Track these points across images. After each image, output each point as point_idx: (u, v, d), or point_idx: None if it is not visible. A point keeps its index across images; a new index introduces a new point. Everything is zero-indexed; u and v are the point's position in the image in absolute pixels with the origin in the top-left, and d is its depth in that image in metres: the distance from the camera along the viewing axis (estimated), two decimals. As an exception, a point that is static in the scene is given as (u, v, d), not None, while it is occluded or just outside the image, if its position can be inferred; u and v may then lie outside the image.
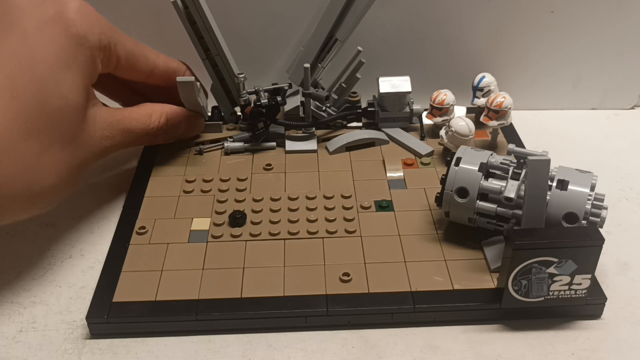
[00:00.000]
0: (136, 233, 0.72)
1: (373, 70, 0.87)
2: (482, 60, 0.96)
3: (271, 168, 0.82)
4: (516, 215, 0.65)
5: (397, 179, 0.80)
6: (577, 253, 0.60)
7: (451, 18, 0.93)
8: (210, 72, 0.86)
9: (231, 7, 0.91)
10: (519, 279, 0.61)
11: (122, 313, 0.63)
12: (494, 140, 0.86)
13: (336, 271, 0.66)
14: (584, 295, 0.63)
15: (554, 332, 0.63)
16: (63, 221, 0.78)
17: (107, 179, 0.85)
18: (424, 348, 0.62)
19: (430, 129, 0.89)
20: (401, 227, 0.72)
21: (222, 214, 0.74)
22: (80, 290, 0.68)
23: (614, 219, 0.76)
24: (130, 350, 0.62)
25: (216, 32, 0.83)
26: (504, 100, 0.82)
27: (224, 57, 0.84)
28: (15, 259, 0.72)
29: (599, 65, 0.97)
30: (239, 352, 0.62)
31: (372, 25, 0.90)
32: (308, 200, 0.76)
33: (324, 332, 0.63)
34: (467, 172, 0.67)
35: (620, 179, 0.85)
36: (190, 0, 0.80)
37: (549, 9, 0.92)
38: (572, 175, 0.65)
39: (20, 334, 0.63)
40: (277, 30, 0.93)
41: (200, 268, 0.67)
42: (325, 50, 0.87)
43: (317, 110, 0.88)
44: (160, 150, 0.86)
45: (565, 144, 0.92)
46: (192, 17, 0.81)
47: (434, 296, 0.64)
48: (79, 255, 0.73)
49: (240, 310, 0.63)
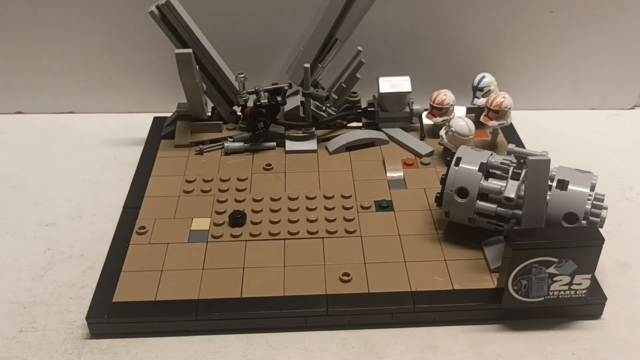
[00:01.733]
0: (136, 233, 0.72)
1: (373, 70, 0.87)
2: (482, 60, 0.96)
3: (271, 168, 0.82)
4: (516, 215, 0.65)
5: (397, 179, 0.80)
6: (577, 253, 0.60)
7: (451, 18, 0.93)
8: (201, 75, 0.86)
9: (231, 7, 0.91)
10: (519, 279, 0.61)
11: (122, 313, 0.63)
12: (494, 140, 0.86)
13: (336, 271, 0.66)
14: (584, 295, 0.63)
15: (554, 332, 0.63)
16: (63, 221, 0.78)
17: (107, 179, 0.85)
18: (424, 348, 0.62)
19: (430, 129, 0.89)
20: (401, 227, 0.72)
21: (222, 214, 0.74)
22: (80, 290, 0.68)
23: (614, 219, 0.76)
24: (130, 350, 0.62)
25: (199, 36, 0.83)
26: (504, 100, 0.82)
27: (212, 59, 0.84)
28: (15, 259, 0.72)
29: (599, 65, 0.97)
30: (239, 352, 0.62)
31: (372, 25, 0.90)
32: (308, 200, 0.76)
33: (324, 332, 0.63)
34: (467, 172, 0.67)
35: (620, 179, 0.85)
36: (167, 9, 0.80)
37: (549, 9, 0.92)
38: (572, 175, 0.65)
39: (20, 334, 0.63)
40: (277, 30, 0.93)
41: (200, 268, 0.67)
42: (325, 50, 0.87)
43: (317, 110, 0.88)
44: (160, 150, 0.86)
45: (565, 144, 0.92)
46: (171, 24, 0.81)
47: (434, 296, 0.64)
48: (79, 255, 0.73)
49: (240, 310, 0.63)
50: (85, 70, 0.96)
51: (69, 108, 0.99)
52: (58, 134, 0.95)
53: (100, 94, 0.98)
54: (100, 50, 0.94)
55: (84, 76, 0.96)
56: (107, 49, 0.94)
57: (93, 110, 0.99)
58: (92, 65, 0.95)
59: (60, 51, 0.94)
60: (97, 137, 0.94)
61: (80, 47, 0.94)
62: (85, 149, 0.91)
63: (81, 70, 0.96)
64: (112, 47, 0.94)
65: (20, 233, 0.76)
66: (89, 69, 0.96)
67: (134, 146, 0.90)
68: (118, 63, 0.95)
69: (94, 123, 0.97)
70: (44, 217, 0.78)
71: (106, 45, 0.94)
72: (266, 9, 0.91)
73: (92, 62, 0.95)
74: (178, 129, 0.88)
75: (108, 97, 0.98)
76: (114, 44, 0.94)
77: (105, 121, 0.97)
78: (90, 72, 0.96)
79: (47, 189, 0.83)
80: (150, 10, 0.80)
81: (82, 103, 0.99)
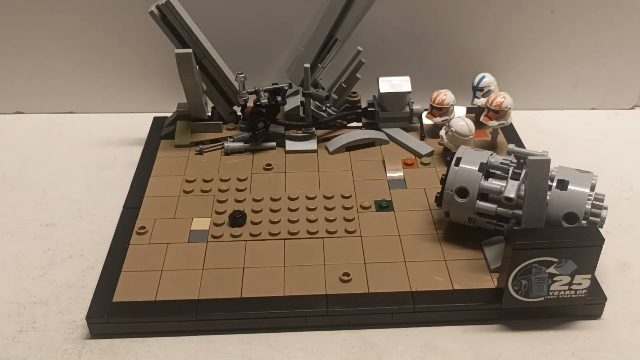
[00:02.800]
0: (136, 233, 0.72)
1: (373, 70, 0.87)
2: (482, 60, 0.96)
3: (271, 168, 0.82)
4: (516, 215, 0.65)
5: (397, 179, 0.80)
6: (577, 253, 0.60)
7: (451, 18, 0.93)
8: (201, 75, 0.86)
9: (231, 7, 0.91)
10: (519, 279, 0.61)
11: (122, 313, 0.63)
12: (494, 140, 0.86)
13: (336, 271, 0.66)
14: (584, 295, 0.63)
15: (554, 332, 0.63)
16: (63, 221, 0.78)
17: (107, 179, 0.85)
18: (424, 348, 0.62)
19: (430, 129, 0.89)
20: (401, 227, 0.72)
21: (222, 214, 0.74)
22: (80, 290, 0.68)
23: (614, 219, 0.76)
24: (130, 350, 0.62)
25: (199, 36, 0.83)
26: (504, 100, 0.82)
27: (212, 59, 0.84)
28: (15, 259, 0.72)
29: (599, 65, 0.97)
30: (239, 352, 0.62)
31: (372, 25, 0.90)
32: (308, 200, 0.76)
33: (324, 332, 0.63)
34: (467, 172, 0.67)
35: (620, 179, 0.85)
36: (167, 9, 0.80)
37: (549, 9, 0.92)
38: (572, 175, 0.65)
39: (20, 334, 0.63)
40: (277, 30, 0.93)
41: (200, 268, 0.67)
42: (325, 50, 0.87)
43: (317, 110, 0.88)
44: (160, 150, 0.86)
45: (565, 144, 0.92)
46: (172, 24, 0.81)
47: (434, 296, 0.64)
48: (79, 255, 0.73)
49: (240, 310, 0.63)
50: (85, 70, 0.96)
51: (69, 108, 0.99)
52: (58, 134, 0.95)
53: (100, 94, 0.98)
54: (101, 50, 0.94)
55: (84, 76, 0.96)
56: (107, 49, 0.94)
57: (93, 110, 0.99)
58: (92, 65, 0.95)
59: (60, 51, 0.94)
60: (97, 137, 0.94)
61: (80, 47, 0.94)
62: (85, 149, 0.91)
63: (81, 70, 0.96)
64: (112, 47, 0.94)
65: (20, 233, 0.76)
66: (89, 69, 0.96)
67: (134, 146, 0.90)
68: (118, 63, 0.95)
69: (94, 123, 0.97)
70: (44, 217, 0.78)
71: (106, 45, 0.94)
72: (266, 9, 0.91)
73: (92, 62, 0.95)
74: (178, 129, 0.88)
75: (108, 97, 0.98)
76: (114, 44, 0.94)
77: (105, 121, 0.97)
78: (90, 72, 0.96)
79: (47, 189, 0.83)
80: (150, 10, 0.80)
81: (82, 103, 0.99)
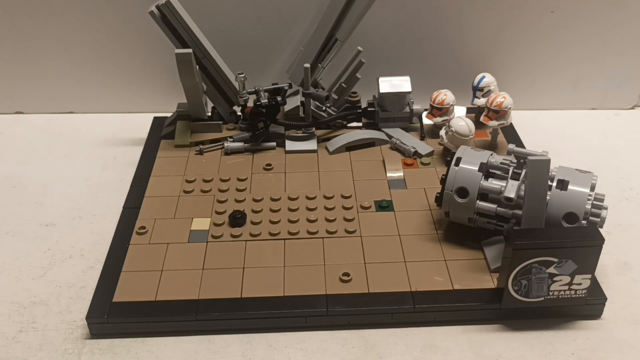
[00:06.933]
0: (136, 233, 0.72)
1: (373, 70, 0.87)
2: (482, 60, 0.96)
3: (271, 168, 0.82)
4: (516, 215, 0.65)
5: (397, 179, 0.80)
6: (577, 253, 0.60)
7: (451, 18, 0.93)
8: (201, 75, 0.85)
9: (231, 7, 0.91)
10: (519, 279, 0.61)
11: (122, 313, 0.63)
12: (494, 140, 0.86)
13: (336, 271, 0.66)
14: (584, 295, 0.63)
15: (554, 332, 0.63)
16: (63, 221, 0.78)
17: (107, 179, 0.85)
18: (424, 348, 0.62)
19: (430, 129, 0.89)
20: (401, 227, 0.72)
21: (222, 214, 0.74)
22: (80, 290, 0.68)
23: (614, 219, 0.76)
24: (130, 350, 0.62)
25: (199, 36, 0.83)
26: (504, 100, 0.82)
27: (212, 59, 0.84)
28: (15, 259, 0.72)
29: (599, 65, 0.97)
30: (239, 352, 0.62)
31: (372, 25, 0.90)
32: (308, 200, 0.76)
33: (324, 332, 0.63)
34: (467, 172, 0.67)
35: (620, 179, 0.85)
36: (167, 9, 0.80)
37: (549, 9, 0.92)
38: (572, 175, 0.65)
39: (20, 334, 0.63)
40: (277, 30, 0.93)
41: (200, 268, 0.67)
42: (325, 50, 0.87)
43: (317, 110, 0.88)
44: (160, 150, 0.86)
45: (565, 144, 0.92)
46: (171, 24, 0.81)
47: (434, 296, 0.64)
48: (79, 255, 0.73)
49: (240, 310, 0.63)
50: (85, 70, 0.96)
51: (69, 108, 0.99)
52: (58, 134, 0.95)
53: (100, 94, 0.98)
54: (100, 50, 0.94)
55: (84, 76, 0.96)
56: (107, 49, 0.94)
57: (93, 110, 0.99)
58: (92, 65, 0.95)
59: (60, 51, 0.94)
60: (97, 137, 0.94)
61: (80, 47, 0.94)
62: (85, 149, 0.91)
63: (81, 70, 0.96)
64: (112, 47, 0.94)
65: (20, 233, 0.76)
66: (89, 69, 0.96)
67: (134, 146, 0.90)
68: (118, 63, 0.95)
69: (94, 123, 0.97)
70: (44, 217, 0.78)
71: (106, 45, 0.94)
72: (266, 9, 0.91)
73: (92, 62, 0.95)
74: (178, 129, 0.88)
75: (108, 97, 0.98)
76: (114, 44, 0.94)
77: (105, 121, 0.97)
78: (90, 72, 0.96)
79: (47, 189, 0.83)
80: (150, 10, 0.80)
81: (82, 103, 0.99)
